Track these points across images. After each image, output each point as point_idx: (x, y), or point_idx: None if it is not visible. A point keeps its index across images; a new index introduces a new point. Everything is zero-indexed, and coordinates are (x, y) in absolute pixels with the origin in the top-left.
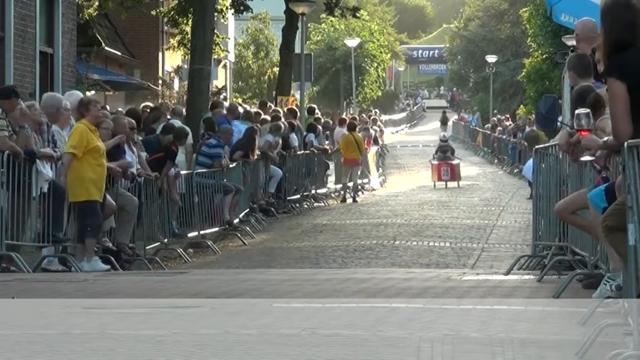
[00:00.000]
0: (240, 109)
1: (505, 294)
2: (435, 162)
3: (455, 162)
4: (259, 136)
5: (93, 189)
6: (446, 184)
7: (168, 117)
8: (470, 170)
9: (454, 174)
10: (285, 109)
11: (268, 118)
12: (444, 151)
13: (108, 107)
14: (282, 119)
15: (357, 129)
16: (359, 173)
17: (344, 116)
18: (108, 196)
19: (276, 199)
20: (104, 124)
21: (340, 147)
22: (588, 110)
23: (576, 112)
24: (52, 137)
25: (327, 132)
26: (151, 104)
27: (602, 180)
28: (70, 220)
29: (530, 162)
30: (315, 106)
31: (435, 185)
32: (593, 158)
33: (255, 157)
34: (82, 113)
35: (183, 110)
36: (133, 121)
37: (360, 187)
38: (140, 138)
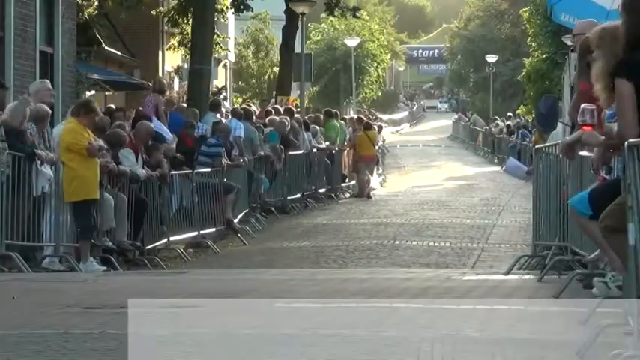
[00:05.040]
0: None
1: (505, 294)
2: None
3: None
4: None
5: (88, 189)
6: None
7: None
8: (470, 170)
9: None
10: (282, 109)
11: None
12: None
13: (113, 106)
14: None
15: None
16: (375, 170)
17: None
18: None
19: (277, 199)
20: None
21: (356, 145)
22: (594, 106)
23: (581, 106)
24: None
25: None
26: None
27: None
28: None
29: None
30: (335, 111)
31: None
32: (590, 155)
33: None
34: (80, 114)
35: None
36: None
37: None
38: None
